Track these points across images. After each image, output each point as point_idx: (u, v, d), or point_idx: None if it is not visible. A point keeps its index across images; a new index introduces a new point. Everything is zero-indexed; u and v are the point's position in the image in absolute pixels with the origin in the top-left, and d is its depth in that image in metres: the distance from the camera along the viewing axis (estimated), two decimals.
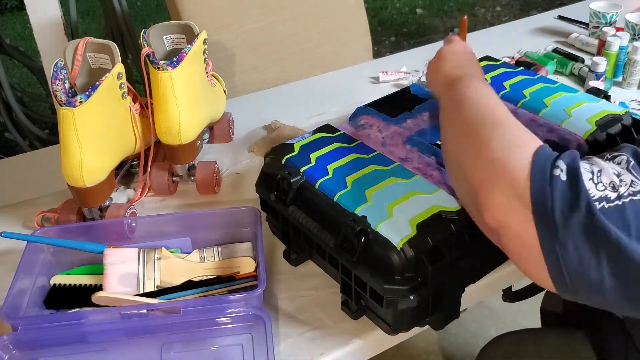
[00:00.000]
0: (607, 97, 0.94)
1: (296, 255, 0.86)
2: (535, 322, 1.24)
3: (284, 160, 0.83)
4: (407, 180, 0.78)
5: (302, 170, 0.81)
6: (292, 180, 0.79)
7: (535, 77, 1.01)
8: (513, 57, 1.37)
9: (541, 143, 0.60)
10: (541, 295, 1.22)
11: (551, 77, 1.30)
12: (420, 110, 0.94)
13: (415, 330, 0.78)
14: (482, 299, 0.87)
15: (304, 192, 0.79)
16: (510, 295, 1.23)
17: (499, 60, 1.07)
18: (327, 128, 0.91)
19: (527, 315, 1.74)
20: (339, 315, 0.80)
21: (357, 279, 0.73)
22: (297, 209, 0.79)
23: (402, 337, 0.80)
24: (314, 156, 0.83)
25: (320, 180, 0.79)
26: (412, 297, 0.69)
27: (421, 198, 0.75)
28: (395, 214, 0.72)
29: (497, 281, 0.86)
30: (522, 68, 1.04)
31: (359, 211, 0.73)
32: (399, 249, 0.69)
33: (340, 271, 0.76)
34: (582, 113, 0.90)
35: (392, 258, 0.68)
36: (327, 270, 0.85)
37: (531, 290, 1.21)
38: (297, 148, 0.86)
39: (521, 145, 0.60)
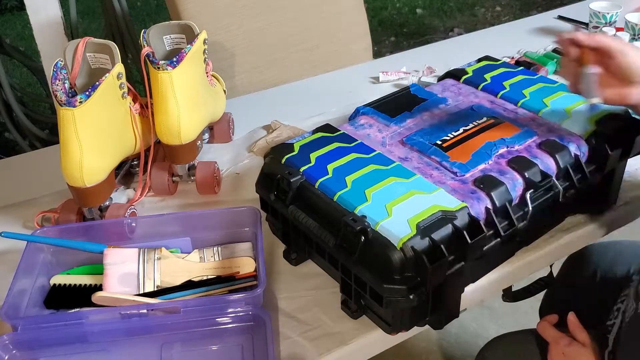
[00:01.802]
0: None
1: (296, 255, 0.86)
2: (535, 322, 1.24)
3: (283, 160, 0.83)
4: (407, 180, 0.78)
5: (301, 170, 0.81)
6: (291, 180, 0.79)
7: (535, 77, 1.01)
8: (513, 57, 1.37)
9: None
10: (541, 295, 1.22)
11: (551, 77, 1.30)
12: (420, 110, 0.94)
13: (415, 330, 0.79)
14: (482, 299, 0.87)
15: (304, 191, 0.79)
16: (510, 295, 1.23)
17: (499, 60, 1.07)
18: (327, 128, 0.91)
19: (527, 315, 1.73)
20: (339, 315, 0.80)
21: (356, 279, 0.73)
22: (297, 209, 0.79)
23: (402, 337, 0.80)
24: (313, 156, 0.83)
25: (320, 180, 0.79)
26: (411, 297, 0.69)
27: (421, 198, 0.75)
28: (395, 214, 0.72)
29: (497, 281, 0.86)
30: (522, 68, 1.04)
31: (359, 211, 0.73)
32: (398, 248, 0.69)
33: (340, 270, 0.76)
34: (581, 113, 0.90)
35: (391, 257, 0.68)
36: (327, 269, 0.85)
37: (531, 290, 1.21)
38: (297, 148, 0.86)
39: None
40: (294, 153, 0.84)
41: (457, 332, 1.75)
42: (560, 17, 1.60)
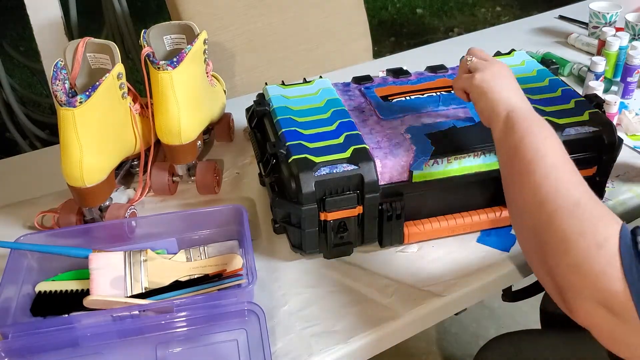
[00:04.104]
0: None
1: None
2: (535, 322, 1.24)
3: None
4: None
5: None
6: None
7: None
8: None
9: (619, 224, 0.57)
10: (541, 295, 1.22)
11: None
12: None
13: (416, 329, 0.79)
14: (482, 298, 0.87)
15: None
16: (510, 295, 1.23)
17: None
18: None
19: (527, 315, 1.74)
20: (338, 313, 0.80)
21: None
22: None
23: (402, 336, 0.80)
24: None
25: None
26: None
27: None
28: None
29: (497, 281, 0.86)
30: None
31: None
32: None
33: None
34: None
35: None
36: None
37: (531, 290, 1.21)
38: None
39: (603, 242, 0.56)
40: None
41: (457, 332, 1.75)
42: (561, 17, 1.60)
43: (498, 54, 1.09)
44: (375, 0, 3.73)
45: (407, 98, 0.95)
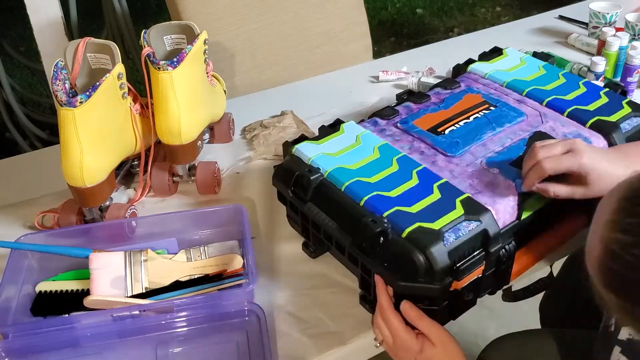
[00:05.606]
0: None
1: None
2: (535, 322, 1.24)
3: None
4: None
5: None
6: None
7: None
8: None
9: None
10: (541, 295, 1.22)
11: None
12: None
13: None
14: (481, 298, 0.87)
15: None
16: (510, 295, 1.23)
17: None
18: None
19: (527, 315, 1.73)
20: (339, 314, 0.80)
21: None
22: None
23: None
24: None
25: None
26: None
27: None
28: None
29: None
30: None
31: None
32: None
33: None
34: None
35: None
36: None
37: (531, 290, 1.21)
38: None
39: None
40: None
41: (457, 332, 1.74)
42: (561, 17, 1.60)
43: (495, 50, 1.09)
44: (375, 0, 3.73)
45: (457, 127, 0.86)
